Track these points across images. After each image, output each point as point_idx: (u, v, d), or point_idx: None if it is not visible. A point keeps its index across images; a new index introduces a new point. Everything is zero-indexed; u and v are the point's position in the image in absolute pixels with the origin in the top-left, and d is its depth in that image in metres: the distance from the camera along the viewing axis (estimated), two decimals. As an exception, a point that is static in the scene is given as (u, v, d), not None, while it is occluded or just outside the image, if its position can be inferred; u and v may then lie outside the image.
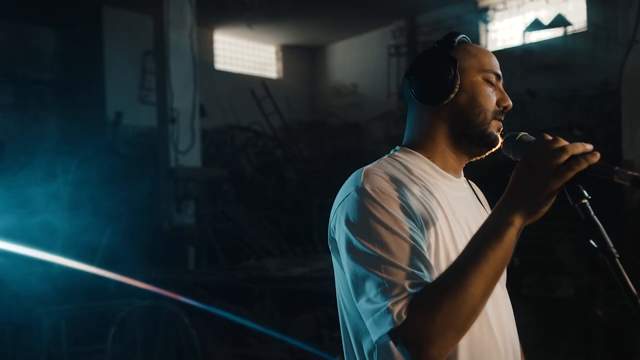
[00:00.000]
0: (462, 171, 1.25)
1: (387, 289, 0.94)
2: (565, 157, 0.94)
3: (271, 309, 4.20)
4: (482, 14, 8.52)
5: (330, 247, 1.14)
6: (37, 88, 8.19)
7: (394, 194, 1.04)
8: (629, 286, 0.93)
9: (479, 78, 1.16)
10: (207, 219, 5.67)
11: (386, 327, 0.92)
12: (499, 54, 7.28)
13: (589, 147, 0.97)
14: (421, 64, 1.17)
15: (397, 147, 1.21)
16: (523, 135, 1.10)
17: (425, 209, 1.08)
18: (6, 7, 7.56)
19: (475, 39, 8.57)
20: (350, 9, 8.68)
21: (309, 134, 9.64)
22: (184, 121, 5.85)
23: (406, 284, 0.93)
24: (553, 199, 0.97)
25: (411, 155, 1.17)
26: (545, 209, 0.98)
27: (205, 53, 9.08)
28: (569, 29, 7.40)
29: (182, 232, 5.40)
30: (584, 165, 0.93)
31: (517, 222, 0.95)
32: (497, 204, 0.99)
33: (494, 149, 1.18)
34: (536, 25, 7.60)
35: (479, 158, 1.22)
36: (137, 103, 7.94)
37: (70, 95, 8.26)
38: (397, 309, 0.91)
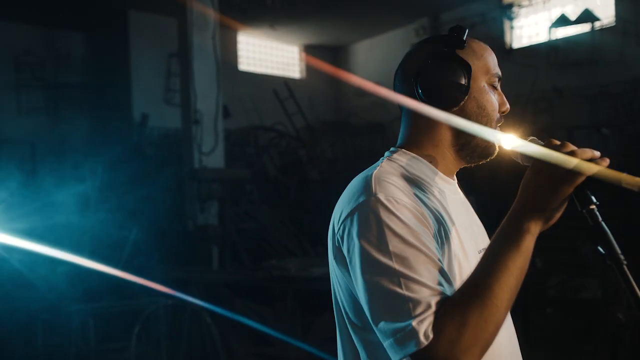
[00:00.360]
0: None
1: (410, 307, 0.90)
2: (575, 161, 0.93)
3: (292, 308, 4.23)
4: (507, 10, 8.41)
5: (332, 255, 1.08)
6: (67, 91, 8.41)
7: (409, 203, 1.00)
8: (636, 292, 0.92)
9: (485, 83, 1.13)
10: (230, 219, 5.73)
11: (411, 348, 0.88)
12: (524, 50, 7.25)
13: (597, 153, 0.96)
14: (430, 66, 1.10)
15: (393, 149, 1.17)
16: (531, 139, 1.09)
17: (435, 215, 1.05)
18: (37, 14, 7.80)
19: (500, 35, 8.47)
20: (373, 8, 8.66)
21: (332, 134, 9.65)
22: (208, 122, 5.93)
23: (431, 301, 0.90)
24: (565, 204, 0.96)
25: (413, 159, 1.12)
26: (558, 214, 0.97)
27: (229, 54, 9.18)
28: (597, 25, 7.25)
29: (205, 232, 5.47)
30: (594, 170, 0.93)
31: (533, 229, 0.94)
32: (510, 211, 0.98)
33: (489, 159, 1.17)
34: (562, 21, 7.47)
35: (474, 165, 1.20)
36: (163, 105, 8.08)
37: (98, 97, 8.46)
38: (423, 328, 0.88)
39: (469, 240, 1.11)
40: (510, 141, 1.10)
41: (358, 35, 10.55)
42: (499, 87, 1.17)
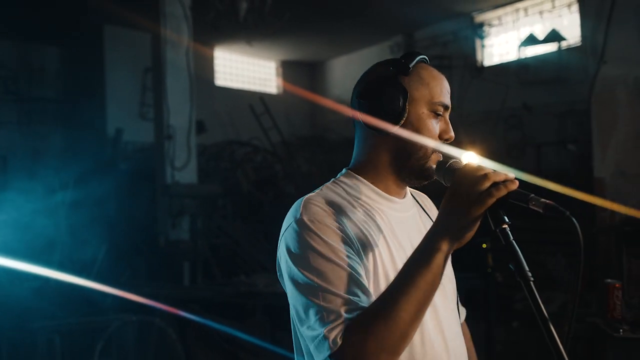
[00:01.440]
0: (407, 189, 1.27)
1: (324, 316, 0.99)
2: (487, 184, 0.98)
3: (262, 323, 4.24)
4: (478, 29, 8.61)
5: (278, 275, 1.18)
6: (40, 105, 8.34)
7: (331, 223, 1.08)
8: (541, 308, 0.97)
9: (426, 110, 1.16)
10: (202, 235, 5.73)
11: (325, 353, 0.97)
12: (495, 68, 7.39)
13: (511, 175, 1.02)
14: (372, 89, 1.17)
15: (344, 170, 1.24)
16: (453, 162, 1.14)
17: (364, 233, 1.11)
18: (11, 27, 7.75)
19: (472, 54, 8.65)
20: (349, 25, 8.80)
21: (308, 149, 9.72)
22: (181, 137, 5.94)
23: (342, 310, 0.98)
24: (477, 224, 1.00)
25: (354, 180, 1.20)
26: (470, 234, 1.01)
27: (206, 70, 9.22)
28: (564, 44, 7.46)
29: (177, 247, 5.47)
30: (504, 192, 0.98)
31: (444, 247, 0.99)
32: (428, 230, 1.03)
33: (426, 182, 1.21)
34: (531, 40, 7.67)
35: (416, 186, 1.25)
36: (137, 119, 8.06)
37: (73, 111, 8.40)
38: (332, 335, 0.96)
39: (405, 257, 1.15)
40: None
41: (334, 52, 10.68)
42: (445, 115, 1.19)
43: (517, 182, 1.01)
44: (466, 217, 0.98)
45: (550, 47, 7.65)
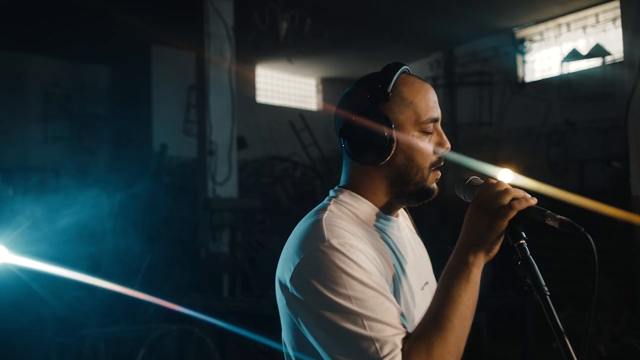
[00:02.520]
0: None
1: (377, 347, 0.94)
2: (508, 198, 1.02)
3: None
4: (519, 45, 8.52)
5: (282, 298, 1.06)
6: (91, 121, 8.76)
7: (360, 246, 1.03)
8: (557, 323, 1.00)
9: (416, 133, 1.12)
10: (241, 248, 5.85)
11: None
12: (537, 84, 7.27)
13: (528, 195, 1.05)
14: (353, 126, 1.11)
15: (337, 188, 1.18)
16: (473, 179, 1.17)
17: (382, 255, 1.09)
18: (66, 48, 8.21)
19: (513, 69, 8.56)
20: (389, 42, 8.87)
21: (347, 165, 9.75)
22: (222, 153, 6.11)
23: (397, 340, 0.95)
24: (502, 237, 1.04)
25: (358, 201, 1.15)
26: (497, 247, 1.05)
27: (247, 87, 9.46)
28: (608, 59, 7.30)
29: (217, 260, 5.60)
30: (524, 205, 1.02)
31: (477, 262, 1.02)
32: (456, 246, 1.06)
33: (430, 199, 1.19)
34: (574, 55, 7.55)
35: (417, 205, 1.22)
36: (181, 135, 8.34)
37: (120, 128, 8.77)
38: None
39: (414, 277, 1.17)
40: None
41: (374, 68, 10.59)
42: (437, 127, 1.15)
43: (535, 199, 1.05)
44: (490, 231, 1.02)
45: (595, 62, 7.51)
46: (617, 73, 7.11)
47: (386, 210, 1.18)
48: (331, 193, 1.19)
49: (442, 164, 1.18)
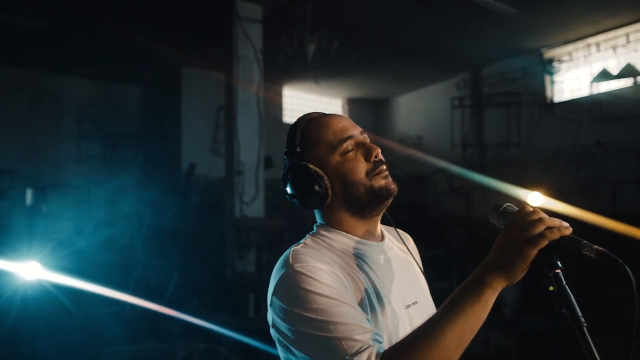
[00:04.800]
0: (382, 229, 1.33)
1: (345, 346, 1.00)
2: (542, 227, 1.01)
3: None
4: (548, 65, 8.45)
5: (272, 331, 1.16)
6: (122, 140, 8.98)
7: (323, 267, 1.11)
8: (594, 354, 0.99)
9: (337, 158, 1.22)
10: (267, 267, 5.88)
11: None
12: (566, 104, 7.20)
13: (565, 223, 1.04)
14: (288, 186, 1.26)
15: (317, 223, 1.28)
16: (507, 206, 1.17)
17: (352, 277, 1.16)
18: (98, 69, 8.47)
19: (541, 90, 8.49)
20: (416, 62, 8.91)
21: (373, 184, 9.74)
22: (249, 173, 6.19)
23: (360, 336, 1.01)
24: (528, 265, 1.03)
25: (332, 232, 1.24)
26: (521, 274, 1.04)
27: (274, 107, 9.58)
28: (640, 79, 7.20)
29: (243, 279, 5.63)
30: (557, 235, 1.01)
31: (495, 284, 1.02)
32: (480, 266, 1.07)
33: (393, 196, 1.24)
34: (604, 75, 7.46)
35: (385, 208, 1.27)
36: (209, 155, 8.46)
37: (151, 146, 8.97)
38: (363, 359, 0.98)
39: (394, 296, 1.21)
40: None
41: (400, 89, 10.80)
42: (358, 139, 1.25)
43: (570, 228, 1.04)
44: (518, 257, 1.01)
45: (625, 82, 7.40)
46: (650, 93, 7.01)
47: (362, 235, 1.26)
48: (313, 228, 1.29)
49: (384, 166, 1.24)
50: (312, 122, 1.28)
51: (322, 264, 1.12)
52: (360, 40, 7.30)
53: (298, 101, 10.69)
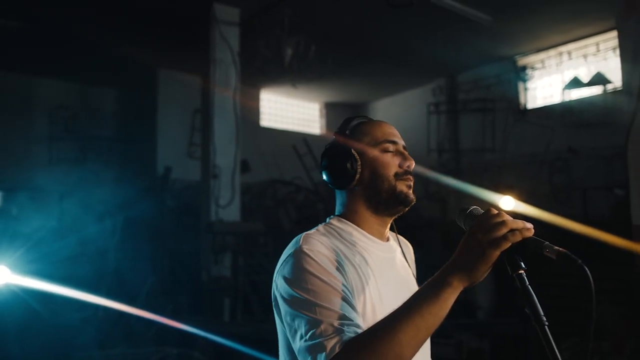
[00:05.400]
0: (389, 234, 1.42)
1: (321, 328, 1.07)
2: (505, 229, 1.04)
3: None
4: (521, 72, 8.61)
5: (273, 306, 1.27)
6: (96, 143, 8.83)
7: (328, 254, 1.20)
8: (556, 354, 1.02)
9: (376, 152, 1.33)
10: (243, 271, 5.84)
11: None
12: (539, 111, 7.33)
13: (529, 225, 1.07)
14: (325, 159, 1.37)
15: (331, 216, 1.39)
16: (474, 209, 1.20)
17: (356, 270, 1.24)
18: (74, 71, 8.33)
19: (515, 96, 8.64)
20: (393, 68, 8.99)
21: (350, 189, 9.77)
22: (226, 176, 6.15)
23: (337, 323, 1.08)
24: (490, 267, 1.06)
25: (343, 224, 1.34)
26: (483, 275, 1.06)
27: (251, 111, 9.56)
28: (609, 87, 7.37)
29: (218, 283, 5.59)
30: (519, 238, 1.04)
31: (455, 284, 1.04)
32: (444, 266, 1.09)
33: (410, 206, 1.34)
34: (575, 83, 7.62)
35: (400, 214, 1.38)
36: (185, 158, 8.40)
37: (125, 150, 8.85)
38: (330, 344, 1.04)
39: (391, 293, 1.27)
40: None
41: (378, 94, 10.87)
42: (399, 148, 1.36)
43: (532, 230, 1.07)
44: (481, 259, 1.04)
45: (596, 90, 7.58)
46: (618, 101, 7.17)
47: (371, 232, 1.35)
48: (327, 219, 1.39)
49: (411, 177, 1.35)
50: (368, 120, 1.41)
51: (328, 250, 1.21)
52: (337, 45, 7.34)
53: (275, 105, 10.67)
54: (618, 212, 5.70)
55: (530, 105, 8.64)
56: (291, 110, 10.94)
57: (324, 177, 1.38)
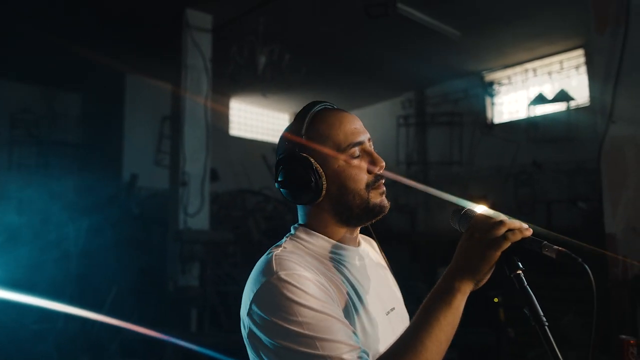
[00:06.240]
0: (359, 237, 1.29)
1: None
2: (504, 229, 1.03)
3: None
4: (488, 87, 8.82)
5: (245, 334, 1.09)
6: (59, 149, 8.56)
7: (309, 275, 1.06)
8: (556, 352, 1.01)
9: (341, 162, 1.16)
10: (211, 282, 5.72)
11: None
12: (505, 126, 7.48)
13: (525, 225, 1.06)
14: (282, 172, 1.18)
15: (296, 225, 1.23)
16: (468, 210, 1.18)
17: (334, 284, 1.12)
18: (37, 73, 8.08)
19: (482, 111, 8.82)
20: (363, 80, 9.06)
21: (319, 200, 9.76)
22: (195, 185, 6.04)
23: (347, 355, 0.97)
24: (492, 267, 1.04)
25: (312, 236, 1.19)
26: (486, 276, 1.05)
27: (221, 119, 9.46)
28: (572, 104, 7.61)
29: (186, 293, 5.46)
30: (518, 237, 1.02)
31: (463, 288, 1.02)
32: (445, 272, 1.06)
33: (383, 214, 1.20)
34: (540, 99, 7.84)
35: (372, 223, 1.24)
36: (152, 166, 8.22)
37: (90, 156, 8.60)
38: None
39: (375, 303, 1.19)
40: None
41: (347, 106, 10.84)
42: (366, 147, 1.19)
43: (531, 230, 1.06)
44: (482, 260, 1.02)
45: (559, 107, 7.81)
46: (581, 117, 7.42)
47: (343, 241, 1.22)
48: (291, 230, 1.23)
49: (383, 180, 1.20)
50: (324, 114, 1.19)
51: (307, 271, 1.07)
52: (309, 55, 7.35)
53: (245, 114, 10.60)
54: (586, 224, 5.85)
55: (497, 119, 8.84)
56: (260, 120, 10.88)
57: (283, 192, 1.20)
